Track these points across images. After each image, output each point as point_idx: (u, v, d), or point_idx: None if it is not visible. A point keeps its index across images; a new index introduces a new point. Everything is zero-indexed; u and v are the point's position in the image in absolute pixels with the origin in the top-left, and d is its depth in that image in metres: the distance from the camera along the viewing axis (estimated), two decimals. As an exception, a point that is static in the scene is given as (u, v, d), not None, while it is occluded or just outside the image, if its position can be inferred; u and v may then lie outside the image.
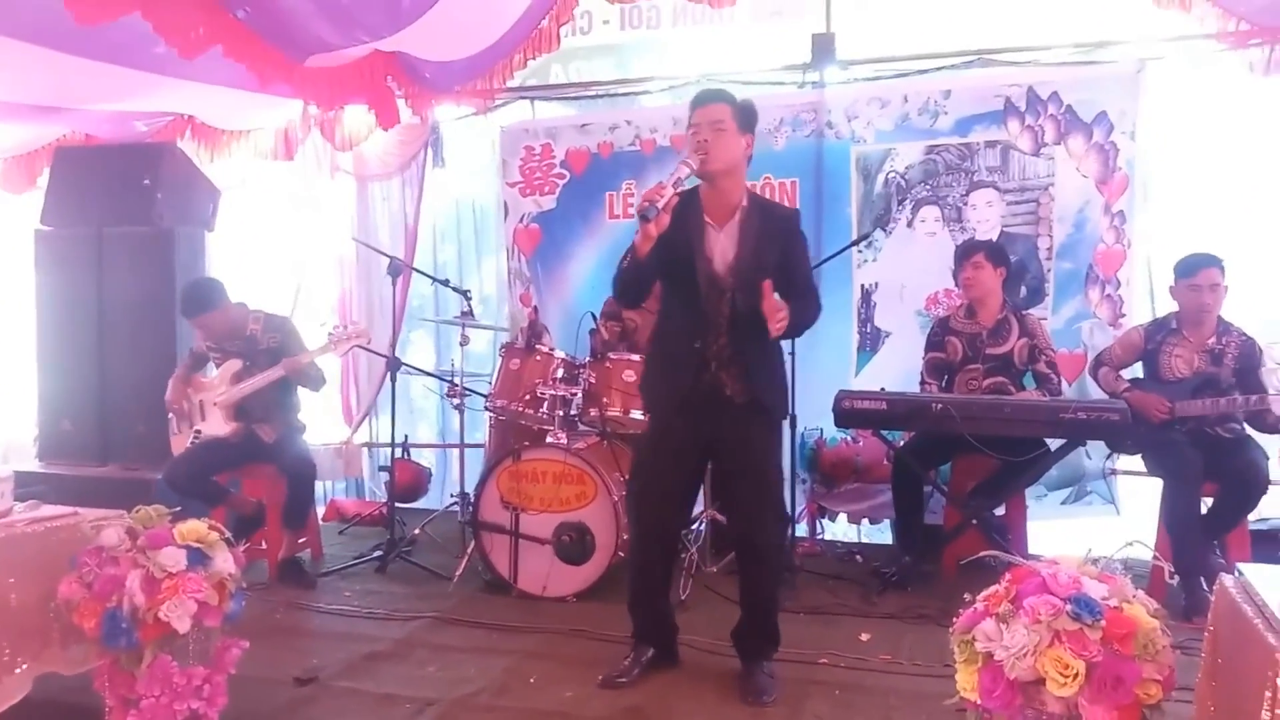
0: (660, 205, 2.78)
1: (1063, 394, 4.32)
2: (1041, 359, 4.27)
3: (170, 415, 4.61)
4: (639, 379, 4.15)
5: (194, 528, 2.64)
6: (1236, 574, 2.04)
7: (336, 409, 6.40)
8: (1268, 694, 1.62)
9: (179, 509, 2.76)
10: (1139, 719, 1.86)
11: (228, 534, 2.73)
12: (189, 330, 4.76)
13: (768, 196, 5.23)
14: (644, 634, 3.28)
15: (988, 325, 4.34)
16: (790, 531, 4.55)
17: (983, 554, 2.20)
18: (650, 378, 3.29)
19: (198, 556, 2.59)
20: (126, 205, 5.28)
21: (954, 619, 2.07)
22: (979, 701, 1.93)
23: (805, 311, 3.09)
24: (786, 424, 4.30)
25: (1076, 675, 1.81)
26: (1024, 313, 4.42)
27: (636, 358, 4.27)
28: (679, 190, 2.88)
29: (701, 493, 4.06)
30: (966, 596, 2.06)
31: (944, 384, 4.42)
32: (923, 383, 4.45)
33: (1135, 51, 4.77)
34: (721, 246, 3.02)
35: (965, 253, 4.38)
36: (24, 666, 2.70)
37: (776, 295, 2.92)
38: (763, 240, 3.01)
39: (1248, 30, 4.48)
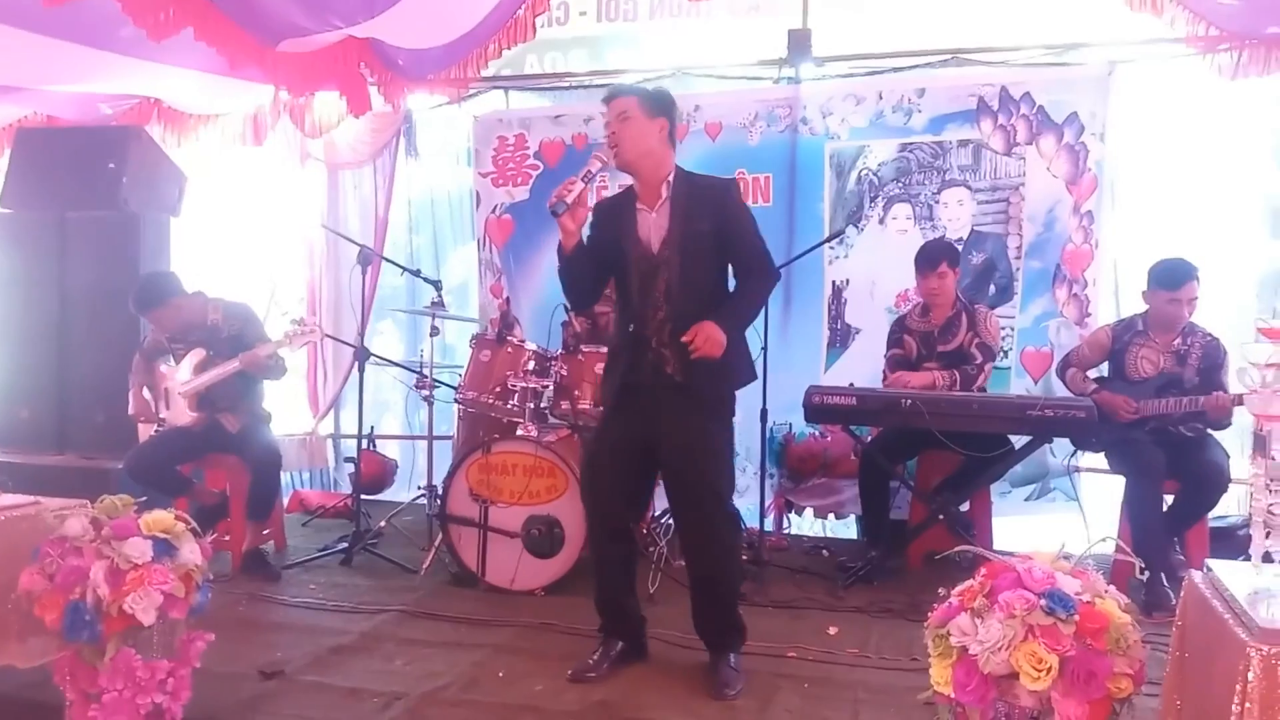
0: (569, 200, 2.85)
1: (983, 374, 4.33)
2: (975, 341, 4.32)
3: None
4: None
5: (160, 518, 2.59)
6: (1205, 569, 2.07)
7: (303, 399, 6.34)
8: (1238, 687, 1.64)
9: (144, 499, 2.71)
10: (1110, 713, 1.88)
11: (194, 525, 2.68)
12: (151, 319, 4.68)
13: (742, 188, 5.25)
14: (611, 628, 3.27)
15: (939, 323, 4.40)
16: (759, 526, 4.56)
17: (957, 549, 2.21)
18: (604, 372, 3.33)
19: (164, 548, 2.54)
20: (91, 189, 5.16)
21: (921, 613, 2.08)
22: (952, 695, 1.95)
23: (755, 294, 3.15)
24: (757, 419, 4.36)
25: (1050, 669, 1.83)
26: (975, 305, 4.46)
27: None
28: (589, 183, 2.95)
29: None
30: (941, 591, 2.08)
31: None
32: (884, 378, 4.50)
33: (1106, 54, 4.83)
34: (656, 224, 3.07)
35: (929, 262, 4.34)
36: (-20, 660, 2.64)
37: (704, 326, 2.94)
38: (693, 210, 3.05)
39: (1217, 35, 4.55)
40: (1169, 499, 4.00)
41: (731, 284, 3.17)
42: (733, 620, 3.19)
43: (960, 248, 4.77)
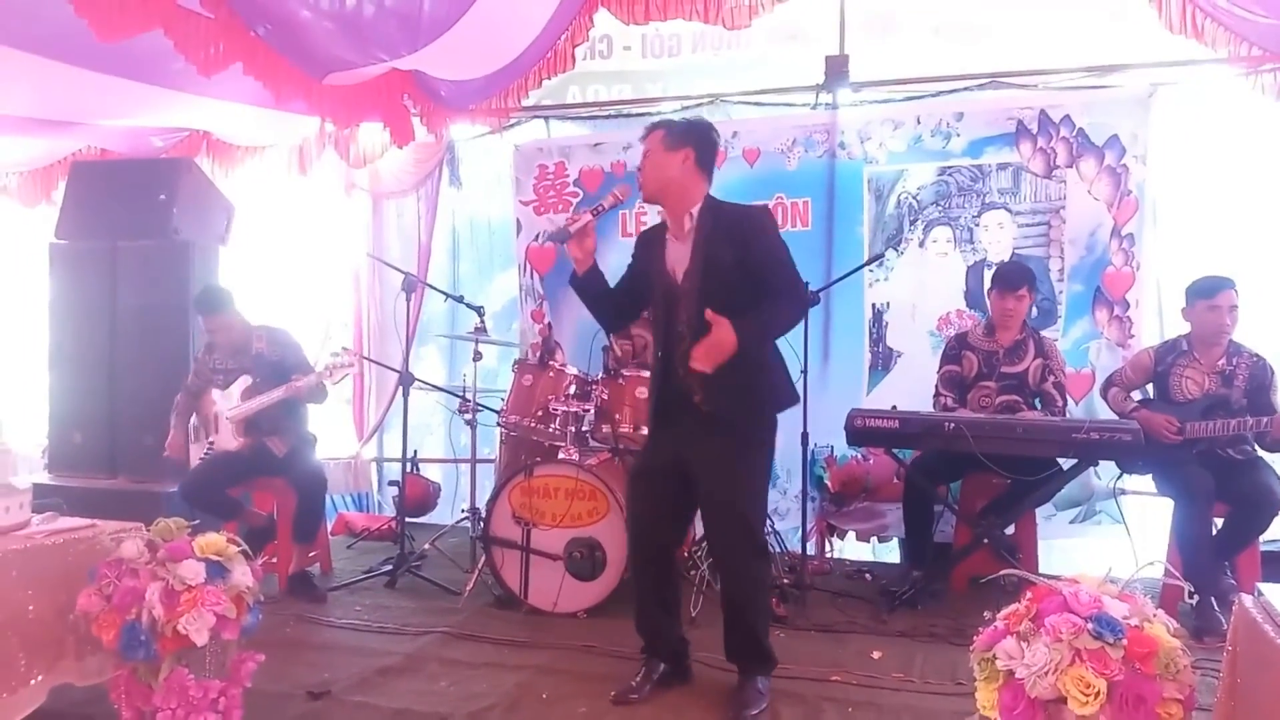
0: (573, 230, 3.04)
1: (1066, 415, 4.32)
2: (1050, 379, 4.29)
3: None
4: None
5: (213, 541, 2.66)
6: (1256, 594, 2.04)
7: (348, 423, 6.43)
8: (1291, 714, 1.62)
9: (196, 522, 2.78)
10: (1159, 739, 1.86)
11: (246, 547, 2.74)
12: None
13: (780, 215, 5.27)
14: (652, 649, 3.28)
15: (1005, 344, 4.36)
16: (801, 549, 4.55)
17: (1002, 572, 2.20)
18: (648, 395, 3.43)
19: (217, 570, 2.60)
20: (142, 219, 5.32)
21: (966, 637, 2.07)
22: (999, 720, 1.94)
23: (779, 310, 2.99)
24: (798, 441, 4.35)
25: (1098, 694, 1.81)
26: (1041, 334, 4.44)
27: (649, 374, 4.28)
28: (598, 216, 3.11)
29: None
30: (986, 615, 2.07)
31: (959, 397, 4.43)
32: (937, 394, 4.45)
33: (1147, 75, 4.81)
34: (681, 255, 3.09)
35: (1009, 284, 4.28)
36: (39, 677, 2.71)
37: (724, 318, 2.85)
38: (715, 240, 3.01)
39: (1260, 55, 4.50)
40: (1218, 522, 3.94)
41: None
42: (760, 650, 3.16)
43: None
